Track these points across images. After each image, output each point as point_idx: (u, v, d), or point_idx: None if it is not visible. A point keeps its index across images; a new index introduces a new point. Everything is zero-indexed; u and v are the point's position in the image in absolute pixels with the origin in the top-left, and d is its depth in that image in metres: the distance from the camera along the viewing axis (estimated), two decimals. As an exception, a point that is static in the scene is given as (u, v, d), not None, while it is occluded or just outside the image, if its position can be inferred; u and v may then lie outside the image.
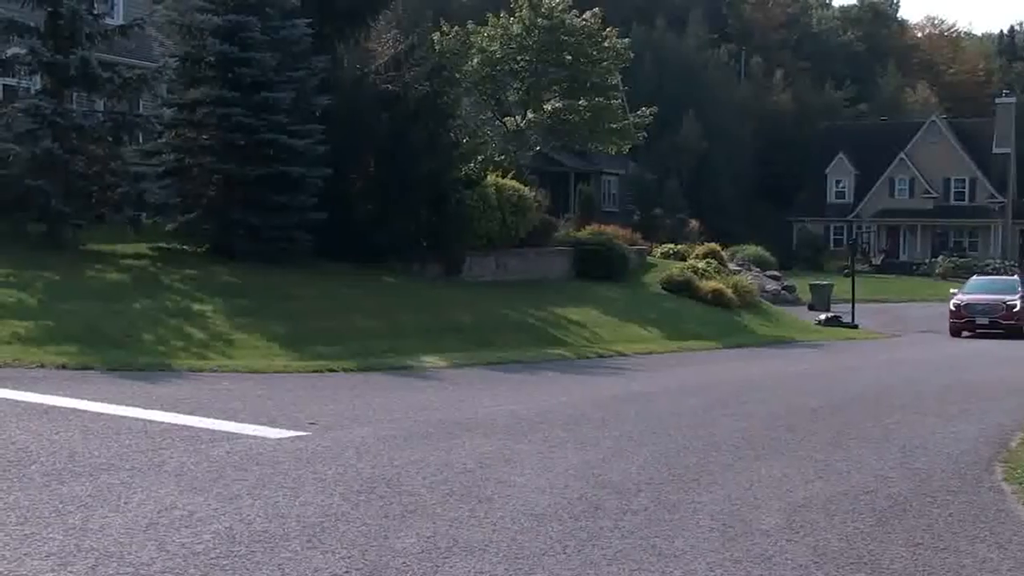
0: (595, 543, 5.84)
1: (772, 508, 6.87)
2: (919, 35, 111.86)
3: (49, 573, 4.82)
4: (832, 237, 70.71)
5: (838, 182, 72.40)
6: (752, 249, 49.29)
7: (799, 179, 73.79)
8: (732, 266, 38.71)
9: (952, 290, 35.02)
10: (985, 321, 31.10)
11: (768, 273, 45.89)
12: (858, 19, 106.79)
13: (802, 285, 44.74)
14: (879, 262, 65.59)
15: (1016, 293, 32.13)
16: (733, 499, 7.10)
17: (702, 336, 25.48)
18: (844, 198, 71.57)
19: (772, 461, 8.58)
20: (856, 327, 32.97)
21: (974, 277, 38.28)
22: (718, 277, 32.60)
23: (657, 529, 6.21)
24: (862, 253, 60.83)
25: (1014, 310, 31.03)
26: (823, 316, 34.68)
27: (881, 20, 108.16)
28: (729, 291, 31.27)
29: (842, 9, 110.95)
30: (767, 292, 40.03)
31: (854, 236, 60.37)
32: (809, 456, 8.92)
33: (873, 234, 69.93)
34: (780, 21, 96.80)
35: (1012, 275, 41.21)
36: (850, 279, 36.57)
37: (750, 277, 37.42)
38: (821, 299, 39.82)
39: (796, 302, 42.37)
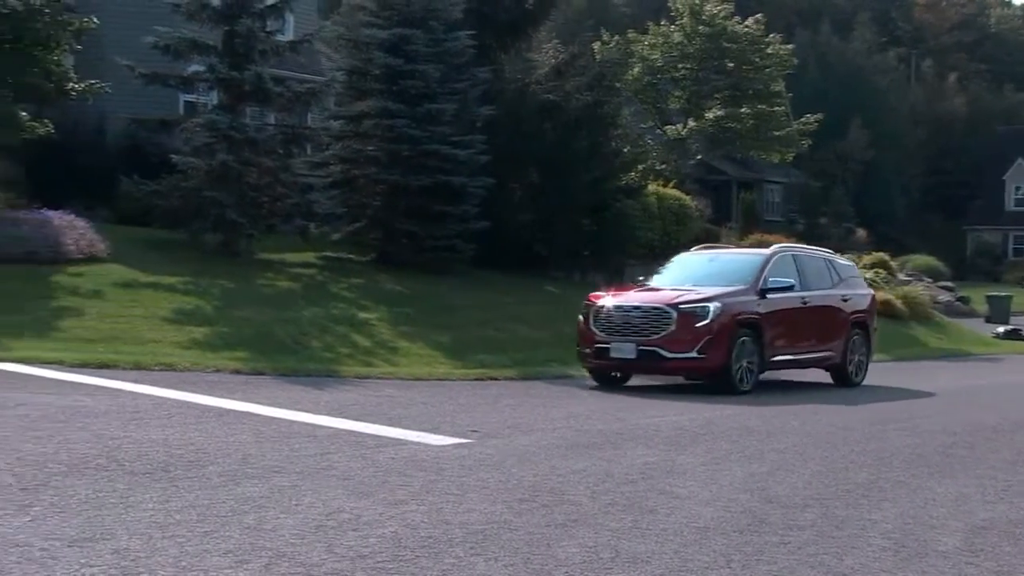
0: (761, 558, 5.71)
1: (950, 528, 6.59)
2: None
3: (227, 570, 4.97)
4: (1011, 247, 67.60)
5: (1017, 188, 69.22)
6: (922, 259, 47.63)
7: (973, 186, 70.89)
8: (901, 276, 37.49)
9: (640, 277, 17.35)
10: (627, 353, 14.02)
11: (940, 284, 44.23)
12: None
13: (977, 296, 42.98)
14: (1064, 272, 62.52)
15: (740, 284, 14.72)
16: (906, 517, 6.84)
17: (870, 348, 24.70)
18: (1024, 206, 68.45)
19: (948, 479, 8.24)
20: (1037, 341, 31.48)
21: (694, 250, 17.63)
22: (887, 288, 31.58)
23: (825, 546, 6.03)
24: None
25: (696, 326, 13.79)
26: (1001, 329, 33.22)
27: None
28: (899, 302, 30.27)
29: None
30: (939, 303, 38.55)
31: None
32: (989, 475, 8.53)
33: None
34: (954, 22, 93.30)
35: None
36: (1030, 290, 34.97)
37: (921, 288, 36.14)
38: (999, 311, 38.17)
39: (971, 314, 40.72)
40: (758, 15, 38.46)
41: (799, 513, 6.79)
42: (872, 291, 18.16)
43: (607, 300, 14.66)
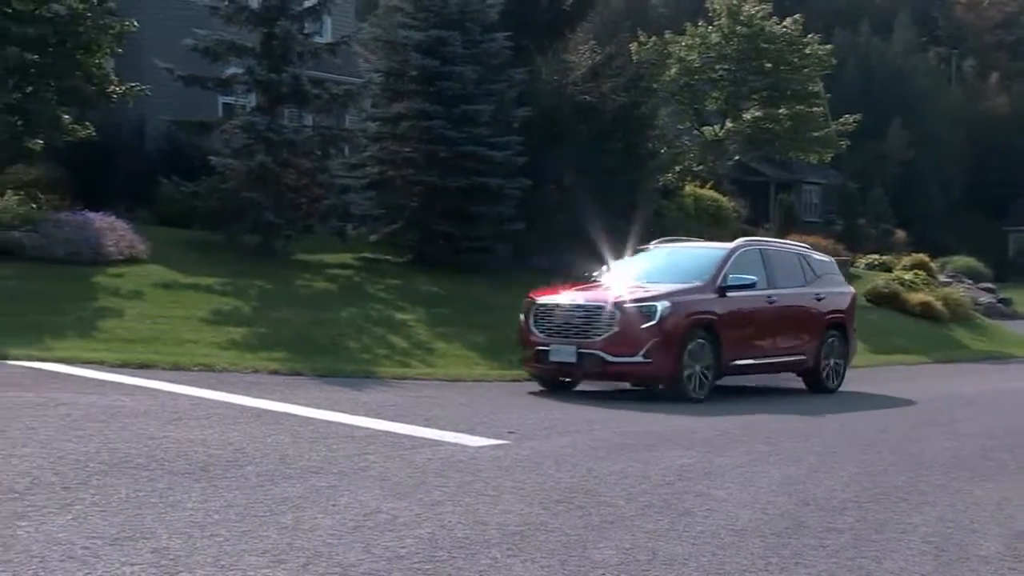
0: (799, 561, 5.68)
1: (991, 533, 6.52)
2: None
3: (265, 569, 5.01)
4: (1055, 247, 66.82)
5: (1060, 188, 68.41)
6: (963, 260, 47.15)
7: (1015, 186, 70.11)
8: (942, 278, 37.15)
9: (591, 272, 15.31)
10: (567, 356, 12.90)
11: (981, 285, 43.75)
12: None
13: (1019, 298, 42.55)
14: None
15: (696, 281, 13.58)
16: (946, 521, 6.79)
17: (909, 350, 24.51)
18: (1067, 206, 67.56)
19: (989, 483, 8.16)
20: (1082, 343, 31.06)
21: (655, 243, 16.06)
22: (926, 289, 31.32)
23: (864, 549, 5.99)
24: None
25: (642, 327, 12.66)
26: (1043, 331, 32.83)
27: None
28: (939, 304, 29.99)
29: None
30: (980, 305, 38.14)
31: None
32: (1030, 479, 8.45)
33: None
34: (996, 21, 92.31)
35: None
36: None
37: (962, 289, 35.79)
38: (1043, 313, 37.74)
39: (1013, 316, 40.26)
40: (796, 15, 38.22)
41: (837, 516, 6.75)
42: (852, 289, 16.76)
43: (547, 298, 13.48)
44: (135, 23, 20.99)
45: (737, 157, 39.74)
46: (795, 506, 6.99)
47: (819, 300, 15.24)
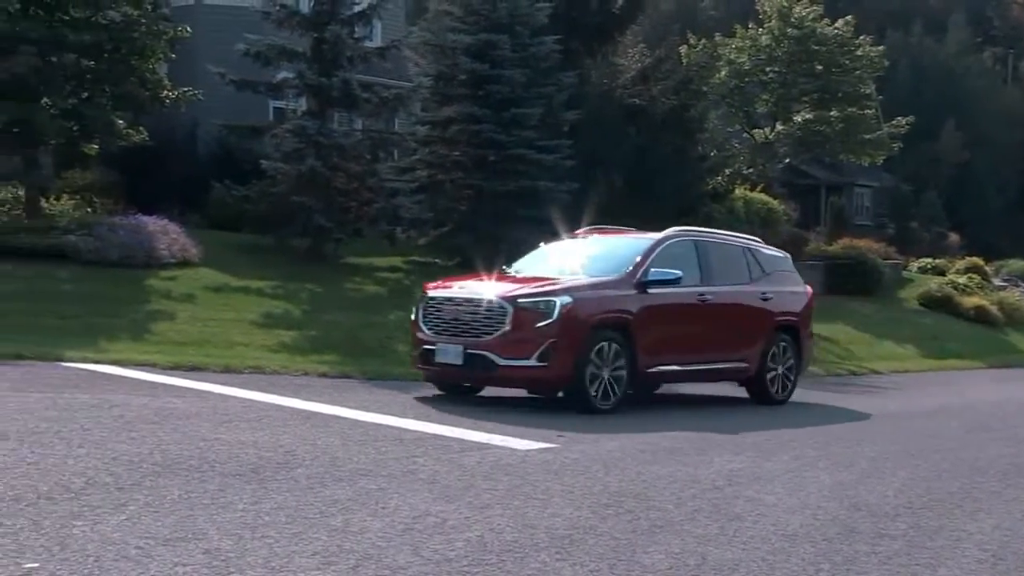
0: (851, 567, 5.62)
1: (1047, 541, 6.42)
2: None
3: (315, 571, 5.04)
4: (1115, 251, 65.58)
5: (1118, 190, 67.22)
6: (1018, 263, 46.36)
7: (1073, 189, 68.99)
8: (997, 281, 36.66)
9: (504, 266, 13.96)
10: (453, 357, 11.36)
11: (1037, 289, 43.10)
12: None
13: (1075, 302, 41.77)
14: None
15: (612, 275, 12.06)
16: (1003, 529, 6.68)
17: (963, 355, 24.22)
18: None
19: (1045, 490, 8.03)
20: None
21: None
22: (981, 293, 30.96)
23: (917, 556, 5.91)
24: None
25: (536, 326, 11.14)
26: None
27: None
28: (993, 308, 29.62)
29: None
30: (1036, 309, 37.58)
31: None
32: (1087, 486, 8.30)
33: None
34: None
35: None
36: None
37: (1017, 293, 35.27)
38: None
39: (1069, 320, 39.58)
40: (848, 17, 37.85)
41: (889, 522, 6.67)
42: (808, 289, 14.65)
43: (439, 291, 11.92)
44: (188, 29, 21.25)
45: (787, 160, 39.41)
46: (846, 512, 6.92)
47: (766, 300, 13.42)
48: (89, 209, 21.24)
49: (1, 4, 18.79)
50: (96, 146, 21.67)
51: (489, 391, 12.20)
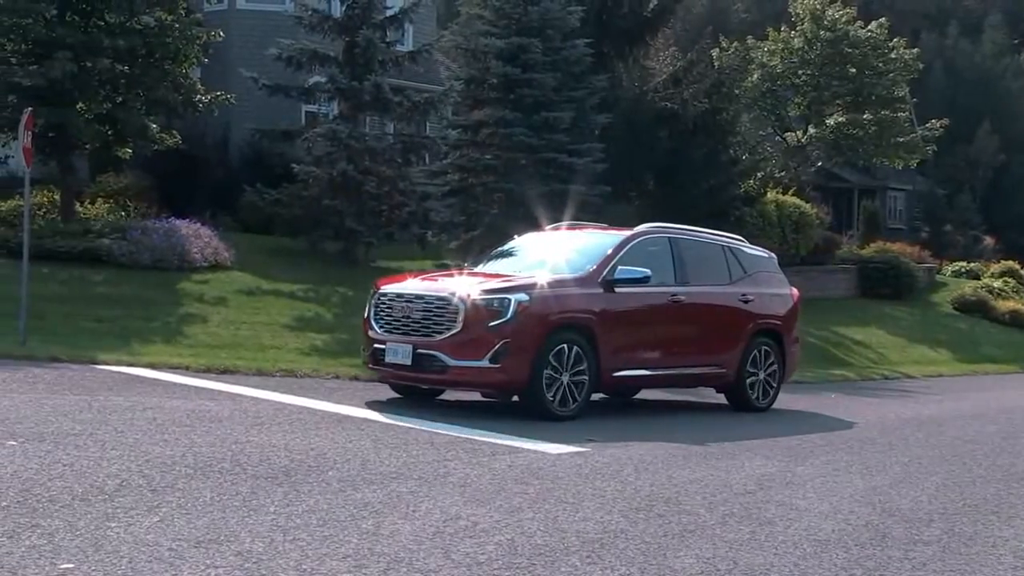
0: (883, 573, 5.58)
1: (1084, 548, 6.35)
2: None
3: (346, 574, 5.06)
4: None
5: None
6: (1055, 267, 45.97)
7: (1110, 191, 68.13)
8: (1032, 286, 36.25)
9: (467, 262, 15.56)
10: (402, 357, 10.82)
11: (1073, 293, 42.62)
12: None
13: (1113, 307, 41.29)
14: None
15: (577, 273, 11.43)
16: (1037, 536, 6.62)
17: (998, 359, 24.01)
18: None
19: (1081, 496, 7.94)
20: None
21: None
22: (1016, 297, 30.67)
23: (952, 563, 5.86)
24: None
25: (490, 325, 10.53)
26: None
27: None
28: (1029, 312, 29.34)
29: None
30: (1072, 314, 37.16)
31: None
32: (1124, 493, 8.21)
33: None
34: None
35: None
36: None
37: (1053, 297, 34.90)
38: None
39: (1106, 325, 39.13)
40: (881, 19, 37.61)
41: (923, 528, 6.62)
42: (794, 291, 13.83)
43: (391, 287, 11.40)
44: (221, 33, 21.40)
45: (820, 163, 39.17)
46: (879, 517, 6.87)
47: (746, 302, 12.75)
48: (123, 213, 21.43)
49: (38, 10, 19.00)
50: (130, 150, 21.86)
51: (450, 394, 11.69)
